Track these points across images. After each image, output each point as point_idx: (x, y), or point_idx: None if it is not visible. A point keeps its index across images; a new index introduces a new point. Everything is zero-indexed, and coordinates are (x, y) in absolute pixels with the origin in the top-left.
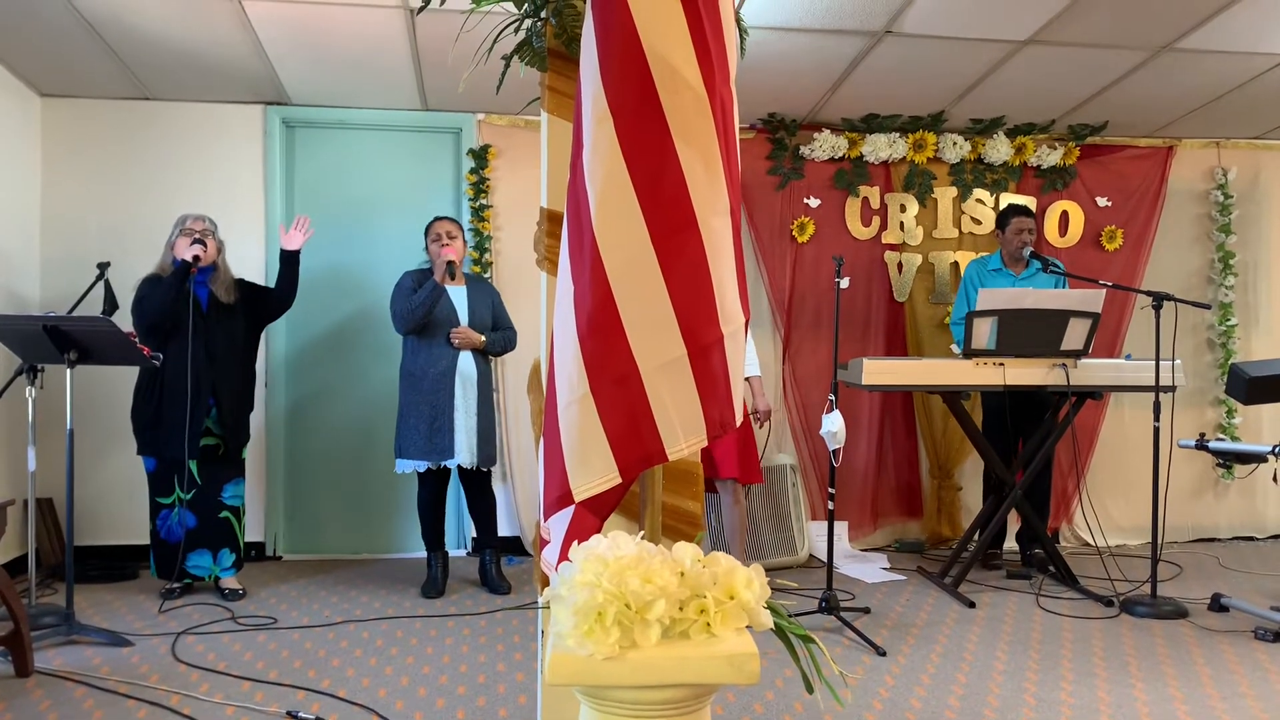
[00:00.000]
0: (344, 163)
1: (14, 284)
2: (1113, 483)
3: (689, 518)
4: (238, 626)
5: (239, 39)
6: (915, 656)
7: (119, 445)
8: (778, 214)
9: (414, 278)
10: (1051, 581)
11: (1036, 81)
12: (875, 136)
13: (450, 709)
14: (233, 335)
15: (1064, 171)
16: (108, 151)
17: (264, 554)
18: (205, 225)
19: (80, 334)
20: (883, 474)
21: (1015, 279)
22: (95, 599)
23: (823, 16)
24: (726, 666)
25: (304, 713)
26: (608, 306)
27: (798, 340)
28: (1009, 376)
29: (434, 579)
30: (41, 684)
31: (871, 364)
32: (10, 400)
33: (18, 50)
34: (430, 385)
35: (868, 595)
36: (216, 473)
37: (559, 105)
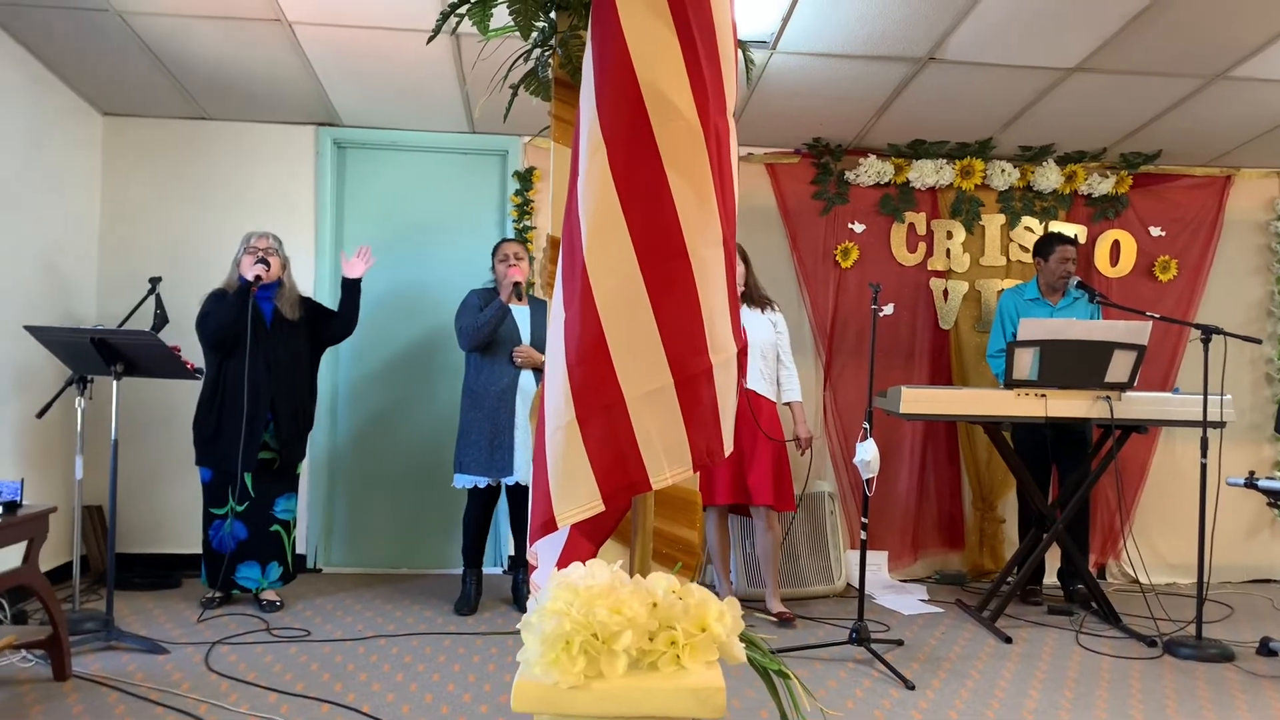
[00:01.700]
0: (393, 184)
1: (72, 299)
2: (1163, 519)
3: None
4: (271, 638)
5: (290, 61)
6: (944, 692)
7: (172, 456)
8: (821, 239)
9: (480, 296)
10: (1094, 619)
11: (1086, 109)
12: (922, 162)
13: None
14: (295, 351)
15: (1116, 200)
16: (164, 169)
17: (305, 566)
18: (269, 243)
19: (125, 347)
20: (924, 504)
21: (1052, 309)
22: (137, 606)
23: (865, 43)
24: (692, 700)
25: None
26: (595, 334)
27: (839, 366)
28: (1051, 408)
29: (467, 595)
30: (78, 688)
31: (910, 392)
32: (61, 410)
33: (81, 71)
34: (492, 402)
35: (902, 627)
36: (270, 486)
37: (564, 134)
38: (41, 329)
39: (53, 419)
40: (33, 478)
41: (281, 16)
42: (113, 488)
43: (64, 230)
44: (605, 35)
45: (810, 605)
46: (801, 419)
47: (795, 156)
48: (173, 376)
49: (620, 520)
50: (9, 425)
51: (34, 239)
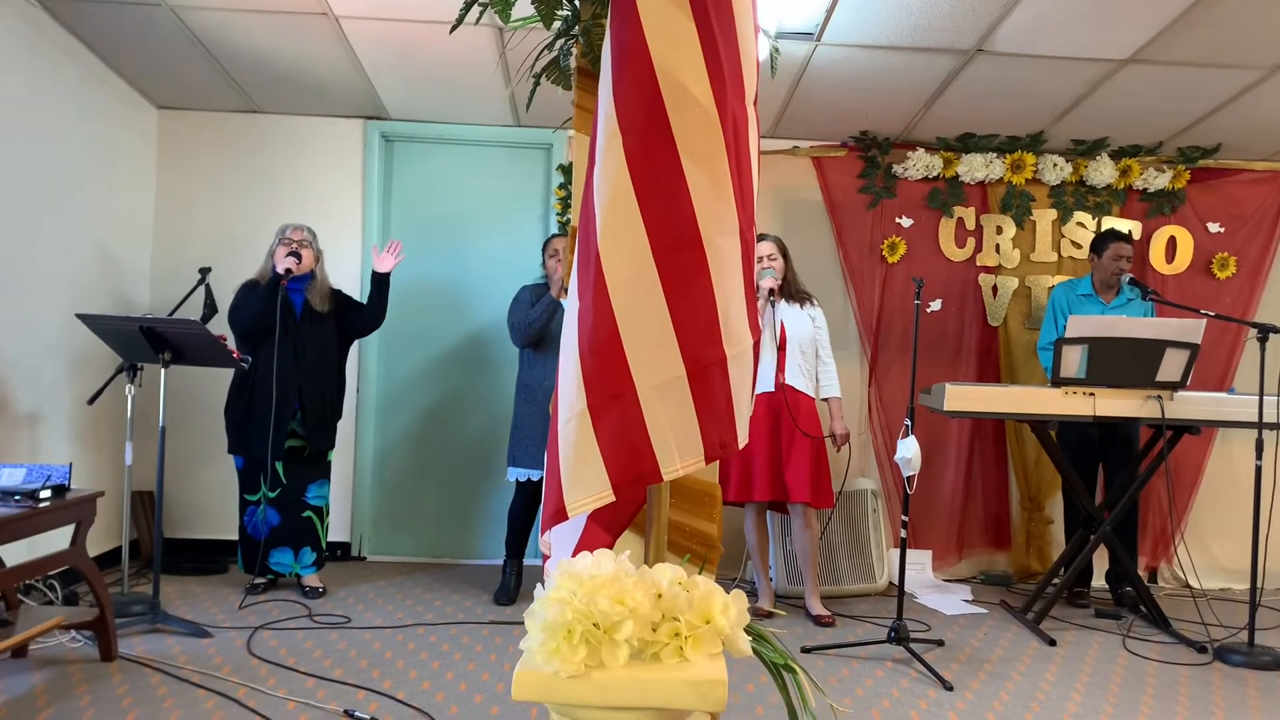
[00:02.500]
0: (439, 177)
1: (126, 288)
2: (1218, 523)
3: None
4: (313, 624)
5: (338, 55)
6: (983, 693)
7: (219, 443)
8: (868, 233)
9: (532, 292)
10: (1142, 623)
11: (1141, 102)
12: (971, 156)
13: (505, 718)
14: (323, 343)
15: (1172, 195)
16: (217, 162)
17: (349, 554)
18: (304, 235)
19: (173, 335)
20: (970, 503)
21: (1105, 307)
22: (184, 590)
23: (911, 34)
24: (692, 692)
25: (361, 712)
26: (608, 324)
27: (885, 362)
28: (1100, 407)
29: (506, 586)
30: (123, 669)
31: (954, 389)
32: (111, 397)
33: (137, 65)
34: (545, 396)
35: (944, 627)
36: (301, 473)
37: (586, 123)
38: (92, 317)
39: (103, 405)
40: (84, 463)
41: (329, 10)
42: (160, 473)
43: (119, 221)
44: (623, 22)
45: (851, 603)
46: (839, 415)
47: (842, 150)
48: (219, 365)
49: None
50: (62, 411)
51: (90, 229)
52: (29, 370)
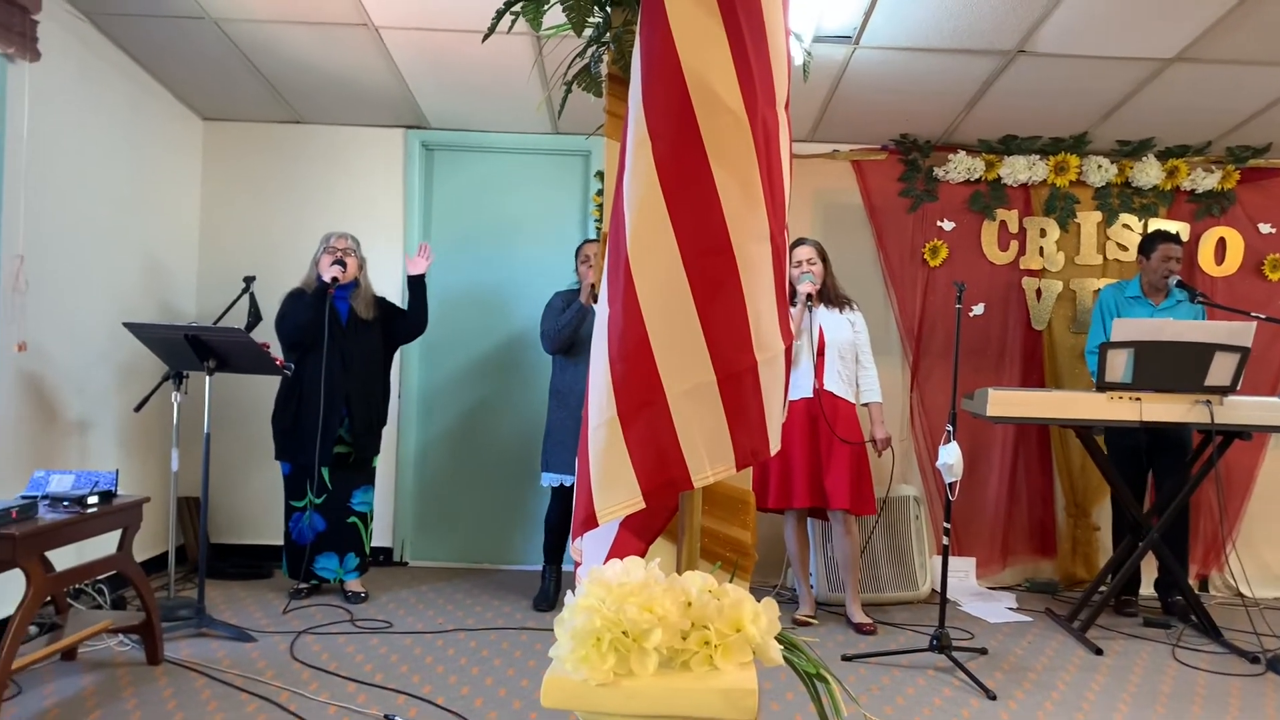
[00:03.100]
0: (479, 184)
1: (172, 297)
2: (1271, 530)
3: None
4: (355, 629)
5: (378, 65)
6: (1027, 703)
7: (264, 450)
8: (909, 237)
9: (563, 298)
10: (1192, 632)
11: (1188, 101)
12: (1014, 158)
13: None
14: (369, 350)
15: (1222, 196)
16: (260, 172)
17: (391, 559)
18: (348, 243)
19: (217, 343)
20: (1014, 509)
21: (1154, 309)
22: (229, 595)
23: (950, 36)
24: (722, 701)
25: (400, 717)
26: (638, 330)
27: (927, 367)
28: (1146, 412)
29: (545, 592)
30: (168, 672)
31: (997, 394)
32: (159, 404)
33: (183, 77)
34: (577, 402)
35: (987, 635)
36: (347, 479)
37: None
38: (139, 326)
39: (149, 412)
40: (131, 469)
41: (368, 21)
42: (205, 480)
43: (165, 231)
44: (652, 28)
45: (893, 611)
46: (879, 420)
47: (882, 153)
48: (262, 372)
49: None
50: (110, 418)
51: (137, 239)
52: (78, 378)
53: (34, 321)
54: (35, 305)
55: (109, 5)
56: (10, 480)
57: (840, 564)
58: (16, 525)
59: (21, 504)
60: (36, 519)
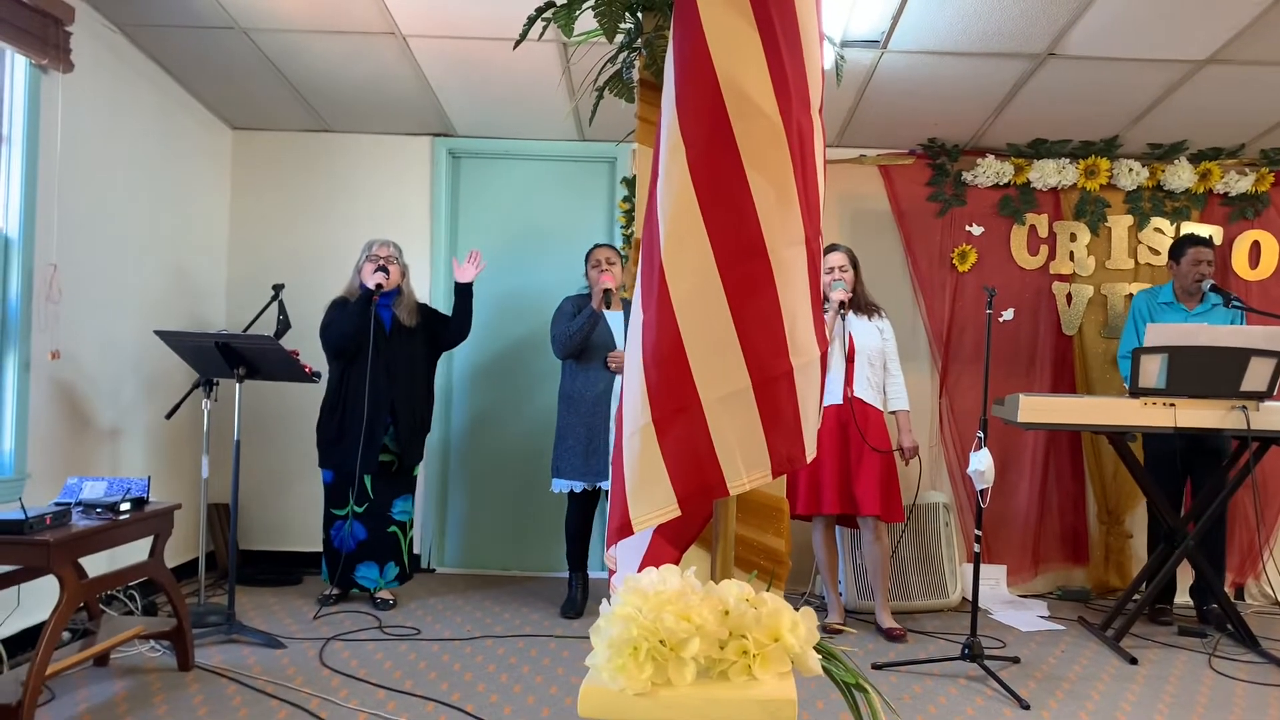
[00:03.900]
0: (505, 192)
1: (202, 305)
2: None
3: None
4: (383, 636)
5: (406, 74)
6: (1061, 712)
7: (294, 457)
8: (937, 242)
9: (574, 303)
10: (1229, 641)
11: (1220, 103)
12: (1043, 162)
13: None
14: (413, 357)
15: (1256, 199)
16: (289, 180)
17: (418, 566)
18: (390, 251)
19: (247, 351)
20: (1046, 517)
21: (1188, 314)
22: (259, 601)
23: (979, 39)
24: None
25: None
26: (672, 336)
27: (956, 373)
28: (1181, 418)
29: (573, 599)
30: (199, 678)
31: (1029, 400)
32: (189, 412)
33: (213, 88)
34: (588, 408)
35: (1020, 644)
36: (389, 488)
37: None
38: (170, 333)
39: (180, 420)
40: (162, 476)
41: (396, 30)
42: (235, 486)
43: (195, 240)
44: (685, 33)
45: (923, 619)
46: (907, 428)
47: (909, 158)
48: (292, 380)
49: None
50: (140, 425)
51: (168, 249)
52: (110, 386)
53: (66, 330)
54: (67, 314)
55: (140, 16)
56: (44, 487)
57: (870, 570)
58: (51, 532)
59: (55, 510)
60: (70, 526)
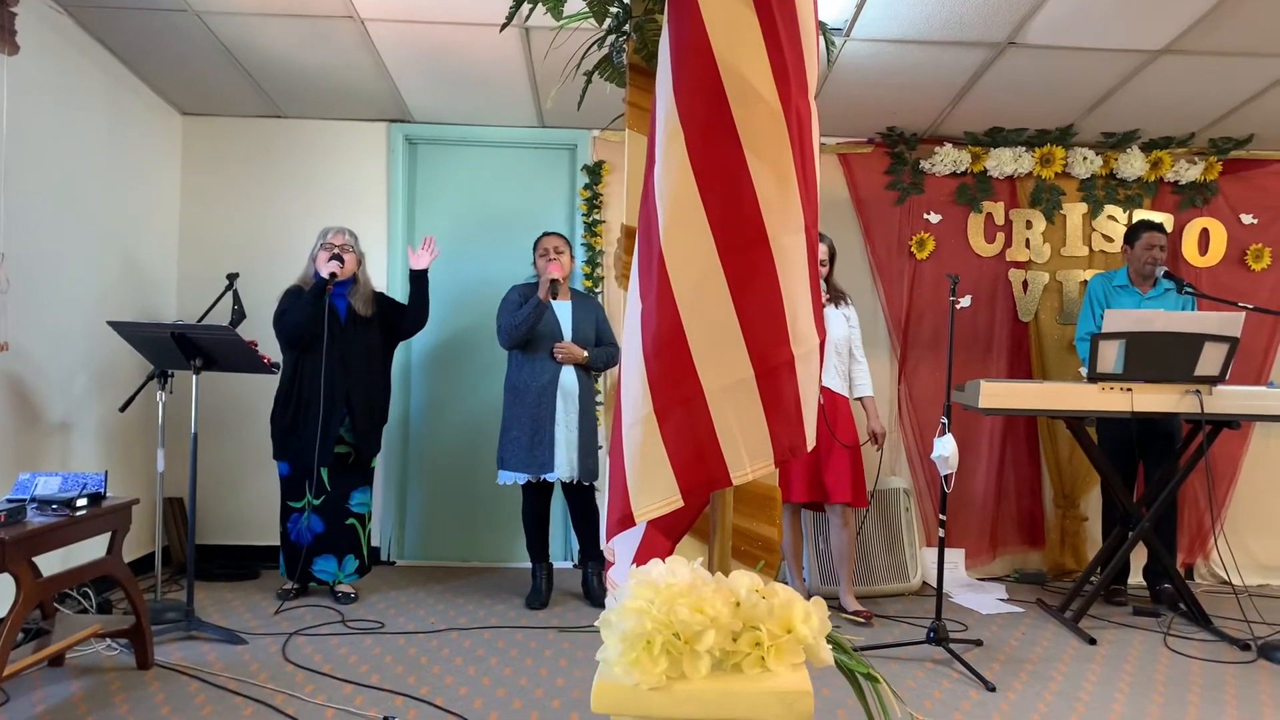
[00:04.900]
0: (464, 179)
1: (152, 295)
2: (1256, 518)
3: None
4: (346, 630)
5: (363, 58)
6: (1027, 694)
7: (251, 449)
8: (896, 230)
9: (520, 292)
10: (1182, 620)
11: (1173, 93)
12: (1000, 150)
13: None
14: (369, 347)
15: (1204, 187)
16: (241, 167)
17: (378, 559)
18: (345, 239)
19: (205, 341)
20: (1003, 501)
21: (1142, 298)
22: (217, 597)
23: (942, 28)
24: (777, 704)
25: (398, 719)
26: (674, 325)
27: (914, 360)
28: (1137, 403)
29: (538, 590)
30: (159, 676)
31: (989, 386)
32: (143, 404)
33: (162, 72)
34: (533, 398)
35: (981, 627)
36: (346, 480)
37: (640, 121)
38: (124, 324)
39: (132, 413)
40: (115, 470)
41: (354, 13)
42: (192, 480)
43: (145, 228)
44: (683, 17)
45: (884, 603)
46: (874, 414)
47: (869, 146)
48: (250, 371)
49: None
50: (92, 419)
51: (116, 236)
52: (60, 379)
53: (14, 321)
54: (15, 304)
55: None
56: None
57: (836, 556)
58: (5, 529)
59: (9, 507)
60: (25, 523)
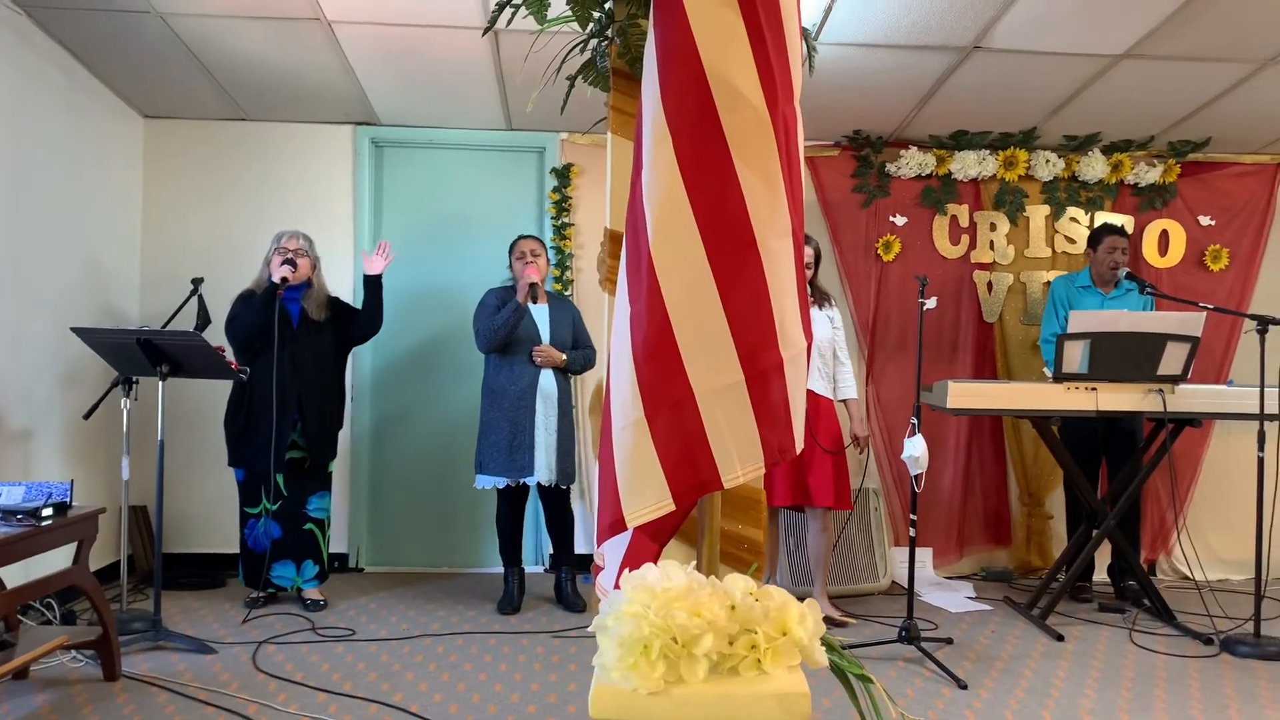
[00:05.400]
0: (431, 182)
1: (115, 300)
2: (1216, 514)
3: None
4: (317, 637)
5: (330, 61)
6: (998, 691)
7: (214, 456)
8: (862, 232)
9: (497, 295)
10: (1146, 616)
11: (1134, 97)
12: (964, 154)
13: None
14: (321, 352)
15: (1163, 189)
16: (205, 171)
17: (346, 565)
18: (299, 244)
19: (171, 347)
20: (969, 500)
21: (1104, 299)
22: (183, 606)
23: (908, 32)
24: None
25: None
26: (664, 329)
27: (882, 362)
28: (1102, 402)
29: (510, 595)
30: (128, 688)
31: (957, 387)
32: (107, 412)
33: (123, 74)
34: (511, 402)
35: (951, 625)
36: (302, 485)
37: (623, 125)
38: (88, 330)
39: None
40: (78, 478)
41: (321, 15)
42: (159, 488)
43: (106, 231)
44: (669, 23)
45: (855, 603)
46: (859, 416)
47: (835, 149)
48: (218, 377)
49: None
50: (55, 426)
51: (77, 240)
52: (21, 386)
53: None
54: None
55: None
56: None
57: (812, 559)
58: None
59: None
60: None
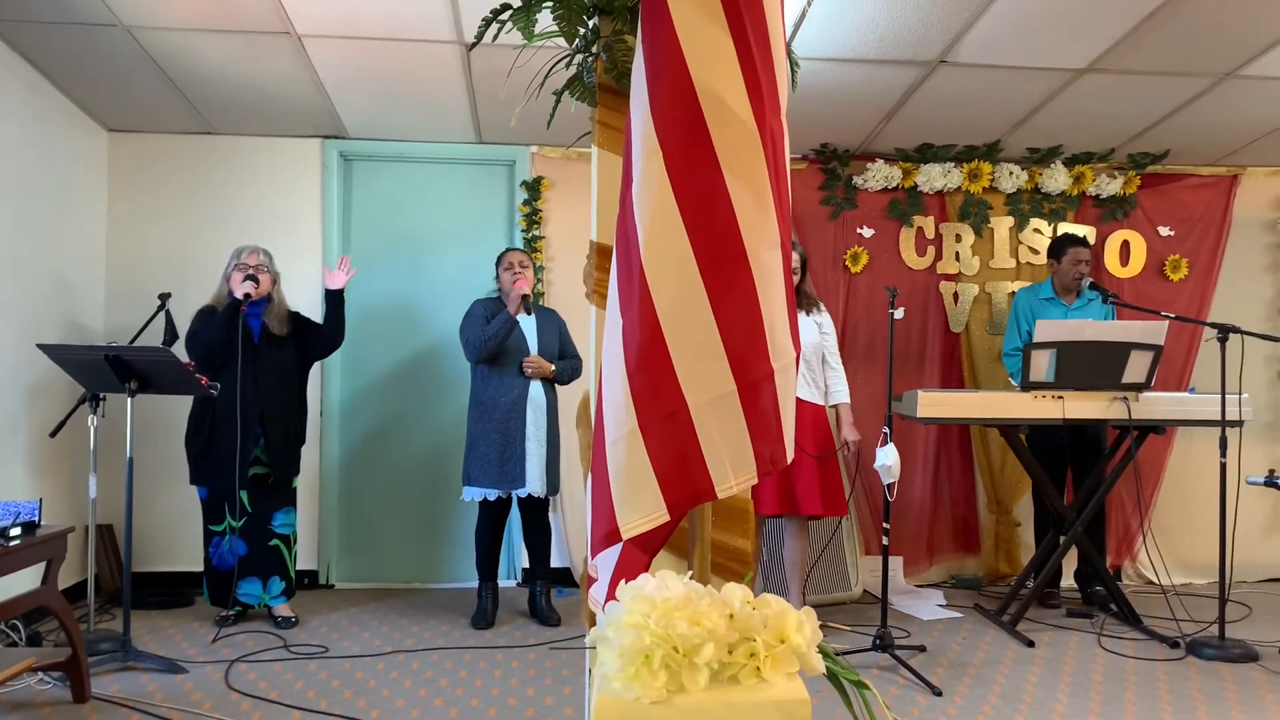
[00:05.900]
0: (400, 195)
1: (79, 315)
2: (1179, 519)
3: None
4: (290, 655)
5: (298, 74)
6: (972, 697)
7: (179, 473)
8: (830, 244)
9: (485, 306)
10: (1113, 621)
11: (1095, 110)
12: (929, 166)
13: None
14: (283, 367)
15: (1124, 201)
16: (171, 185)
17: (316, 582)
18: (259, 260)
19: (140, 364)
20: (939, 508)
21: (1067, 309)
22: (152, 625)
23: (876, 47)
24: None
25: None
26: (656, 341)
27: (851, 372)
28: (1069, 410)
29: (484, 610)
30: (98, 710)
31: (927, 396)
32: (73, 429)
33: (87, 87)
34: (502, 414)
35: (923, 633)
36: (267, 501)
37: (609, 139)
38: (55, 347)
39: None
40: (45, 496)
41: (290, 29)
42: (129, 506)
43: (70, 246)
44: (657, 38)
45: (828, 612)
46: (849, 422)
47: (803, 162)
48: (187, 393)
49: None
50: (20, 444)
51: (41, 255)
52: None
53: None
54: None
55: (11, 11)
56: None
57: (789, 566)
58: None
59: None
60: None
